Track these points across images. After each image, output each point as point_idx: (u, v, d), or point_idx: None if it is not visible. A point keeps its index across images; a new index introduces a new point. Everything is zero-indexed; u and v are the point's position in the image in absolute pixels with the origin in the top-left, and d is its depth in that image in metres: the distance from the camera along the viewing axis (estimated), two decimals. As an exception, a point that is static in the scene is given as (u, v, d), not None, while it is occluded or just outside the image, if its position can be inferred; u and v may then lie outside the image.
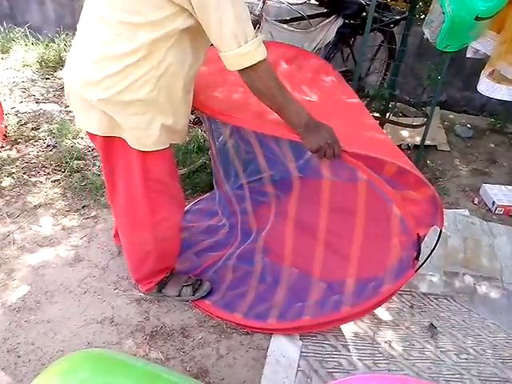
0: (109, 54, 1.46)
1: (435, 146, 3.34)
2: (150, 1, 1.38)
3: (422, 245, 1.67)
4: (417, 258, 1.67)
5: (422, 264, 1.72)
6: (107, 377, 1.16)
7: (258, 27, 2.63)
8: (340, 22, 2.77)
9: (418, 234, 1.64)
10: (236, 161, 2.05)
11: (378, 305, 1.85)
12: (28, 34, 4.09)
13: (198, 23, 1.42)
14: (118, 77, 1.47)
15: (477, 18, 2.14)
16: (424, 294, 2.19)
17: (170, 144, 1.69)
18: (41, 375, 1.17)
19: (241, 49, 1.39)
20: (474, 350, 1.93)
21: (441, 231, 1.71)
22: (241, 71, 1.45)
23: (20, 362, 1.75)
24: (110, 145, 1.64)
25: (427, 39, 2.51)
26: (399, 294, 2.15)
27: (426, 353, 1.89)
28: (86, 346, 1.82)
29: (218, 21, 1.36)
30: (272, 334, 1.89)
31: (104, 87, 1.49)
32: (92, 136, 1.66)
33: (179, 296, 2.03)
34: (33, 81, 3.65)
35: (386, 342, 1.91)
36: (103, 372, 1.18)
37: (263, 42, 1.45)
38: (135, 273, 2.02)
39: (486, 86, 2.41)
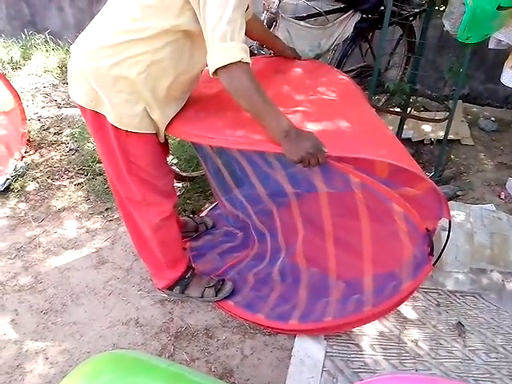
0: (114, 28, 1.54)
1: (459, 140, 3.27)
2: None
3: (434, 238, 1.64)
4: (431, 252, 1.64)
5: (439, 257, 1.69)
6: (133, 378, 1.17)
7: (275, 25, 2.61)
8: (357, 16, 2.73)
9: (427, 229, 1.60)
10: (230, 180, 2.08)
11: (400, 303, 1.82)
12: (48, 39, 4.15)
13: (198, 32, 1.49)
14: (114, 49, 1.53)
15: (499, 8, 2.08)
16: (451, 291, 2.14)
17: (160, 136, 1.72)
18: (68, 377, 1.19)
19: (227, 43, 1.42)
20: (503, 348, 1.88)
21: (450, 222, 1.67)
22: (221, 71, 1.44)
23: (48, 364, 1.78)
24: (97, 120, 1.66)
25: (448, 31, 2.46)
26: (425, 291, 2.12)
27: (454, 352, 1.85)
28: (112, 348, 1.84)
29: (213, 18, 1.42)
30: (295, 334, 1.88)
31: (98, 57, 1.55)
32: (82, 109, 1.68)
33: (202, 297, 2.03)
34: (54, 86, 3.70)
35: (412, 341, 1.88)
36: (129, 373, 1.19)
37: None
38: (147, 262, 2.03)
39: (510, 78, 2.35)
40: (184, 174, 2.68)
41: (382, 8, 2.78)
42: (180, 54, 1.57)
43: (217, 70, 1.44)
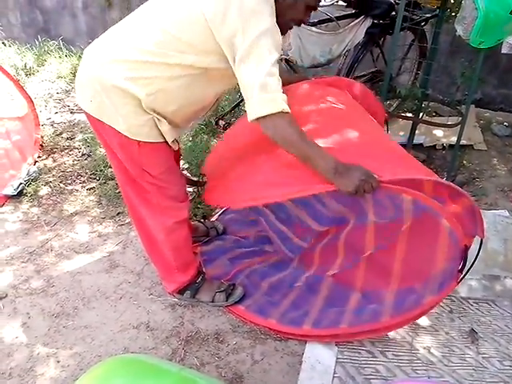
0: (138, 44, 1.56)
1: (471, 145, 3.24)
2: (200, 32, 1.50)
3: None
4: (461, 269, 1.64)
5: (464, 275, 1.68)
6: (144, 382, 1.18)
7: (286, 31, 2.62)
8: (369, 22, 2.74)
9: (465, 245, 1.61)
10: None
11: (419, 316, 1.82)
12: (62, 46, 4.21)
13: (220, 71, 1.56)
14: (132, 65, 1.55)
15: (512, 12, 2.07)
16: (464, 298, 2.12)
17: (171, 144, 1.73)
18: (79, 380, 1.19)
19: (268, 95, 1.46)
20: (518, 356, 1.85)
21: (481, 241, 1.66)
22: (263, 120, 1.49)
23: (59, 367, 1.79)
24: (102, 128, 1.67)
25: (460, 36, 2.45)
26: (437, 298, 2.10)
27: (467, 359, 1.83)
28: (123, 351, 1.84)
29: (253, 70, 1.46)
30: (306, 340, 1.87)
31: (114, 68, 1.57)
32: (88, 115, 1.69)
33: (213, 302, 2.03)
34: (67, 92, 3.75)
35: (424, 348, 1.86)
36: (140, 377, 1.19)
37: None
38: (157, 265, 2.04)
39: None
40: (195, 179, 2.68)
41: (394, 13, 2.78)
42: (194, 86, 1.61)
43: (258, 118, 1.49)
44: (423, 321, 1.98)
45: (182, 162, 2.76)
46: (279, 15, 1.53)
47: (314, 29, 2.63)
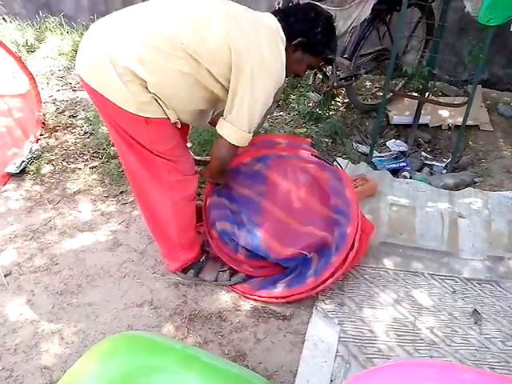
0: (162, 32, 1.60)
1: (477, 125, 3.20)
2: (218, 54, 1.60)
3: None
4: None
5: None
6: (147, 358, 1.18)
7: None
8: (376, -2, 2.67)
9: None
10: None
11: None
12: (63, 22, 4.14)
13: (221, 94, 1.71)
14: (147, 48, 1.58)
15: (524, -12, 2.02)
16: (467, 279, 2.12)
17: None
18: (84, 356, 1.20)
19: (245, 133, 1.71)
20: (520, 336, 1.86)
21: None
22: (224, 140, 1.72)
23: (63, 344, 1.80)
24: (107, 104, 1.66)
25: (468, 13, 2.40)
26: (441, 279, 2.10)
27: (470, 339, 1.84)
28: (127, 329, 1.85)
29: (242, 106, 1.66)
30: (310, 318, 1.88)
31: (131, 50, 1.58)
32: (94, 93, 1.67)
33: (216, 281, 2.04)
34: (69, 69, 3.70)
35: (427, 328, 1.86)
36: (143, 354, 1.20)
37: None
38: (160, 243, 2.04)
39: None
40: (198, 158, 2.66)
41: (401, -11, 2.71)
42: (195, 89, 1.68)
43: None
44: (426, 301, 1.98)
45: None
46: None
47: (319, 4, 2.57)
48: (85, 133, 3.01)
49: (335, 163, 2.20)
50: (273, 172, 2.09)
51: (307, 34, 1.75)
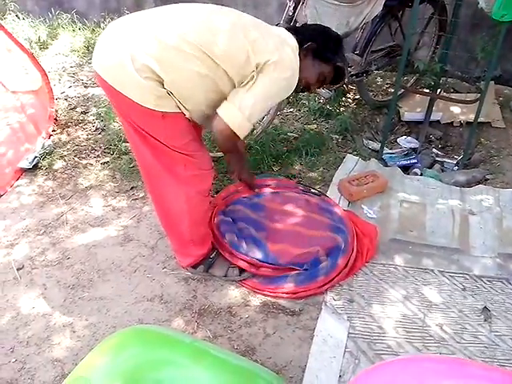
0: (181, 34, 1.63)
1: (489, 122, 3.17)
2: (236, 51, 1.64)
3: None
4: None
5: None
6: (157, 352, 1.19)
7: (302, 2, 2.56)
8: (388, -6, 2.66)
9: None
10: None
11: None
12: (75, 19, 4.17)
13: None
14: (167, 49, 1.61)
15: (538, -17, 2.00)
16: (477, 276, 2.10)
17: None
18: (95, 349, 1.21)
19: (248, 123, 1.70)
20: (531, 334, 1.85)
21: None
22: (224, 124, 1.69)
23: (75, 337, 1.82)
24: (123, 100, 1.67)
25: (481, 9, 2.37)
26: (451, 276, 2.09)
27: (480, 336, 1.83)
28: (137, 323, 1.87)
29: (252, 98, 1.67)
30: (319, 313, 1.89)
31: (149, 45, 1.61)
32: (109, 90, 1.69)
33: (226, 276, 2.05)
34: (80, 65, 3.73)
35: (436, 325, 1.86)
36: (154, 347, 1.21)
37: None
38: (172, 238, 2.05)
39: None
40: (211, 155, 2.67)
41: (413, -15, 2.69)
42: (209, 91, 1.70)
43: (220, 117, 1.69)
44: (435, 298, 1.97)
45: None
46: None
47: (330, 0, 2.56)
48: (96, 129, 3.03)
49: (322, 196, 2.44)
50: (269, 202, 2.31)
51: (317, 39, 1.82)
